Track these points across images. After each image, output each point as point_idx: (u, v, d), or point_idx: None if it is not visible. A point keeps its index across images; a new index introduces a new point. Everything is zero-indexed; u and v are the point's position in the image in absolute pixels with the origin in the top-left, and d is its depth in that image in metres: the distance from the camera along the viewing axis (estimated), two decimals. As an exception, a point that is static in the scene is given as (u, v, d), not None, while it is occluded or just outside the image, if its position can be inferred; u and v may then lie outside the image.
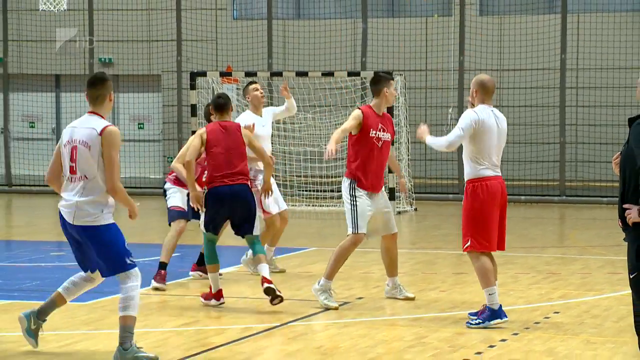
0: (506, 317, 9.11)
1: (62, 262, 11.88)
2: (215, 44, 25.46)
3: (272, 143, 20.54)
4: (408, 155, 20.40)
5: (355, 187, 10.06)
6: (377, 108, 10.17)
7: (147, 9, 25.64)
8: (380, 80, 10.26)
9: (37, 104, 25.85)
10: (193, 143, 10.30)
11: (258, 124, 11.96)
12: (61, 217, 7.78)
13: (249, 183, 10.28)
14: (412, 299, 10.43)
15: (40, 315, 8.18)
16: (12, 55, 25.28)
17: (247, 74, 20.86)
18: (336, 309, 9.85)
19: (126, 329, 7.71)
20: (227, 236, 13.37)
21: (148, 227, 17.53)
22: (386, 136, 10.18)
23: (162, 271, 11.19)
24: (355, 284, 10.74)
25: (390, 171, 19.28)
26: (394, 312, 9.84)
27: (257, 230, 10.29)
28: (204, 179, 10.66)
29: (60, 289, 8.20)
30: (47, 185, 8.77)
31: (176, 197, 11.51)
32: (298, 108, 21.03)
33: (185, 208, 11.40)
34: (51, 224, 17.31)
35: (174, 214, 11.50)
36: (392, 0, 25.31)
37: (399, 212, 19.32)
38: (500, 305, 9.15)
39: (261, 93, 12.29)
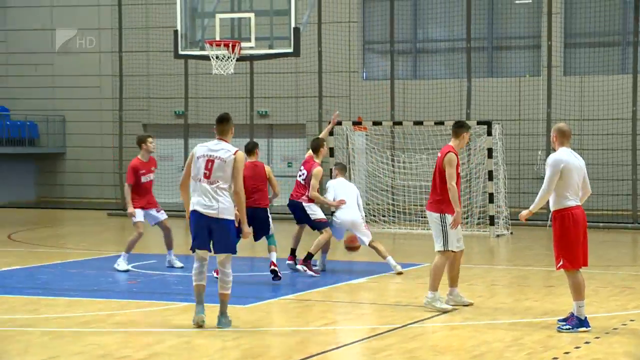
0: (590, 326, 8.82)
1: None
2: (349, 99, 25.48)
3: (393, 178, 20.59)
4: (505, 189, 20.02)
5: (445, 215, 9.90)
6: (457, 148, 10.04)
7: (295, 72, 25.90)
8: (463, 126, 10.15)
9: (209, 147, 26.23)
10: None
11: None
12: (198, 213, 8.59)
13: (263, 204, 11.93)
14: (472, 304, 10.20)
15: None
16: (191, 109, 25.81)
17: (374, 123, 20.84)
18: (451, 311, 9.67)
19: (226, 302, 8.80)
20: (362, 253, 13.35)
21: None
22: None
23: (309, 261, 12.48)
24: (461, 294, 10.53)
25: (490, 200, 18.97)
26: (494, 317, 9.61)
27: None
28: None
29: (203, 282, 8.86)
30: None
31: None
32: (415, 151, 20.99)
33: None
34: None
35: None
36: (491, 64, 25.01)
37: (498, 236, 18.95)
38: (586, 316, 8.86)
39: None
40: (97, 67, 27.90)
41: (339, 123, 20.28)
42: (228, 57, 16.60)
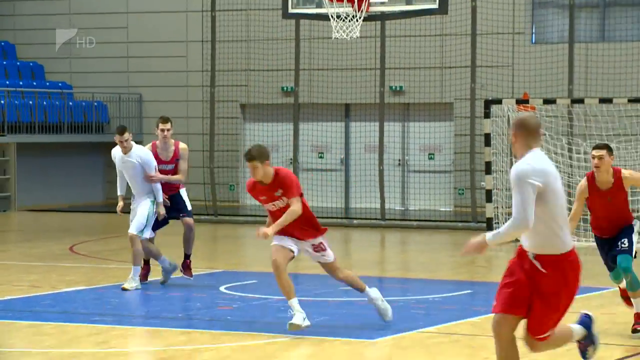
0: None
1: (350, 297, 12.10)
2: (512, 69, 25.26)
3: (570, 174, 20.29)
4: None
5: None
6: None
7: (441, 35, 25.76)
8: None
9: (326, 134, 26.45)
10: None
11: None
12: None
13: None
14: None
15: None
16: (303, 85, 25.92)
17: (545, 101, 20.59)
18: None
19: None
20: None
21: (439, 262, 17.55)
22: None
23: None
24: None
25: None
26: None
27: None
28: None
29: None
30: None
31: None
32: (601, 137, 20.54)
33: None
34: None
35: None
36: None
37: None
38: None
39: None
40: (183, 31, 28.35)
41: (498, 102, 20.04)
42: (352, 17, 16.67)
